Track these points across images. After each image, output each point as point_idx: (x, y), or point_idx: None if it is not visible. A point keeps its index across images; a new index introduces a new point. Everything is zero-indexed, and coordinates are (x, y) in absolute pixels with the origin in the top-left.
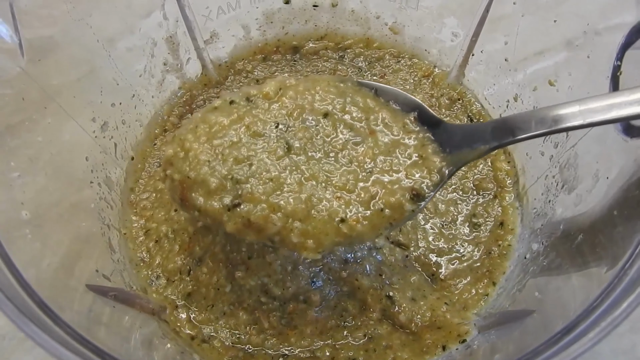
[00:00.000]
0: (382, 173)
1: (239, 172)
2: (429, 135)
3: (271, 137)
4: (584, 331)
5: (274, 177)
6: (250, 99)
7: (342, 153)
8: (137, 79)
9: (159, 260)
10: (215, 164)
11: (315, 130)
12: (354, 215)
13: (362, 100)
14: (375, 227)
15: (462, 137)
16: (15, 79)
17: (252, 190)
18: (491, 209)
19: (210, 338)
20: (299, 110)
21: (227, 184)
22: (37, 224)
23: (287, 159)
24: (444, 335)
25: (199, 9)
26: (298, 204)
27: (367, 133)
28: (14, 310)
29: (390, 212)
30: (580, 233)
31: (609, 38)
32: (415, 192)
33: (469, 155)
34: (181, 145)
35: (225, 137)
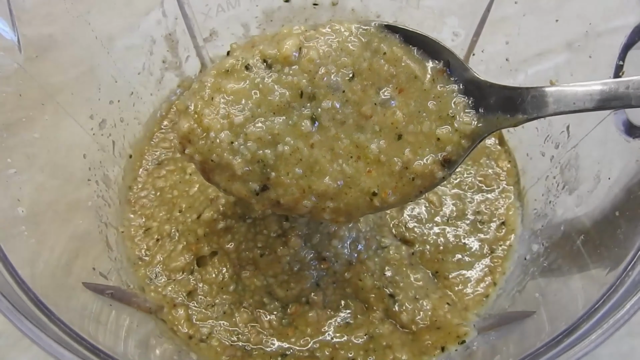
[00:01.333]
0: (411, 137)
1: (266, 154)
2: (459, 88)
3: (296, 108)
4: (585, 333)
5: (304, 157)
6: (267, 62)
7: (372, 119)
8: (135, 76)
9: (159, 259)
10: (238, 145)
11: (342, 96)
12: (386, 188)
13: (389, 50)
14: (406, 196)
15: (498, 99)
16: (13, 75)
17: (281, 174)
18: (494, 207)
19: (208, 337)
20: (323, 73)
21: (254, 167)
22: (34, 222)
23: (316, 134)
24: (443, 336)
25: (198, 7)
26: (330, 183)
27: (397, 92)
28: (10, 307)
29: (421, 181)
30: (582, 234)
31: (610, 39)
32: (446, 158)
33: (503, 122)
34: (198, 121)
35: (245, 112)
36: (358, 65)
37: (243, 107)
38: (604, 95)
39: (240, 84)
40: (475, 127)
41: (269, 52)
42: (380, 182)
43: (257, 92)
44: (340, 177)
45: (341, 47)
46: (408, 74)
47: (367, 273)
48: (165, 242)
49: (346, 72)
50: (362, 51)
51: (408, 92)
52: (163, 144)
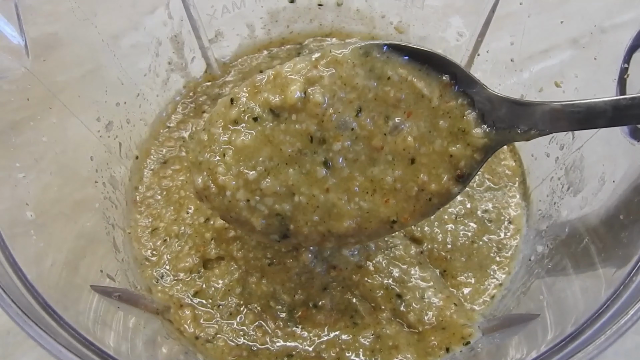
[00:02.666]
0: (424, 159)
1: (284, 208)
2: (469, 102)
3: (307, 155)
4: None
5: (321, 204)
6: (274, 112)
7: (384, 150)
8: (141, 78)
9: (167, 259)
10: (255, 202)
11: (352, 134)
12: (404, 214)
13: (393, 72)
14: (424, 215)
15: (509, 112)
16: (20, 79)
17: (299, 224)
18: (501, 206)
19: (214, 337)
20: (331, 114)
21: (272, 221)
22: (42, 224)
23: (331, 178)
24: (447, 336)
25: (203, 8)
26: (349, 224)
27: (405, 116)
28: (19, 312)
29: (438, 200)
30: (586, 236)
31: (615, 37)
32: (460, 173)
33: (515, 136)
34: (213, 180)
35: (258, 167)
36: (364, 97)
37: (256, 162)
38: (616, 113)
39: (249, 138)
40: (487, 140)
41: (274, 102)
42: (398, 209)
43: (267, 144)
44: (358, 215)
45: (345, 82)
46: (415, 95)
47: (375, 274)
48: (172, 242)
49: (353, 107)
50: (366, 81)
51: (417, 113)
52: (168, 143)
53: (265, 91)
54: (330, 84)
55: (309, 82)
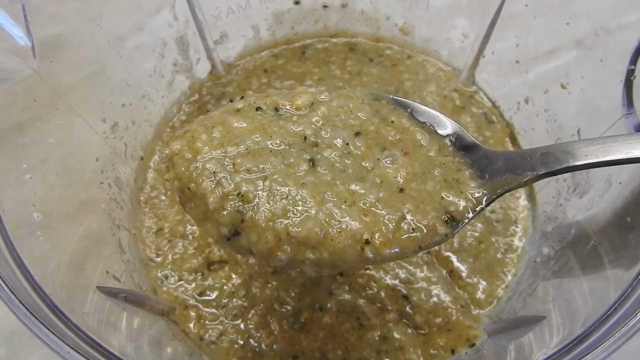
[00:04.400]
0: (414, 193)
1: (248, 188)
2: (466, 160)
3: (295, 150)
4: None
5: (291, 195)
6: (278, 109)
7: (373, 172)
8: (147, 79)
9: (172, 260)
10: (222, 177)
11: (345, 148)
12: (381, 236)
13: (397, 120)
14: (403, 250)
15: (505, 163)
16: (26, 80)
17: (258, 213)
18: (508, 206)
19: (219, 338)
20: (330, 126)
21: (230, 204)
22: (48, 224)
23: (311, 175)
24: (453, 338)
25: (209, 9)
26: (313, 227)
27: (401, 154)
28: (26, 313)
29: (421, 235)
30: (593, 238)
31: (621, 38)
32: (450, 215)
33: (512, 182)
34: (190, 144)
35: (241, 145)
36: (365, 127)
37: (241, 142)
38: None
39: (246, 122)
40: (481, 192)
41: (281, 102)
42: (375, 229)
43: (260, 131)
44: (327, 221)
45: (351, 110)
46: (414, 142)
47: (382, 275)
48: (177, 243)
49: (353, 129)
50: (371, 116)
51: (413, 155)
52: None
53: (275, 96)
54: (337, 107)
55: (318, 102)
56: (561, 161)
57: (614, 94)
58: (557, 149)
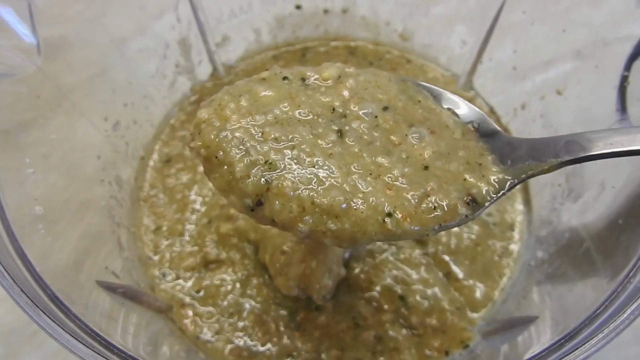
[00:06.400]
0: (439, 172)
1: (276, 157)
2: (489, 147)
3: (323, 120)
4: (586, 338)
5: (317, 165)
6: (305, 80)
7: (400, 147)
8: (149, 79)
9: (169, 258)
10: (250, 145)
11: (373, 120)
12: (403, 211)
13: (424, 101)
14: (424, 226)
15: (528, 150)
16: (31, 77)
17: (284, 183)
18: (504, 210)
19: (215, 337)
20: (358, 98)
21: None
22: (50, 219)
23: (338, 146)
24: (447, 339)
25: (211, 12)
26: (337, 196)
27: (428, 132)
28: (27, 301)
29: (442, 214)
30: (585, 241)
31: (618, 48)
32: (472, 197)
33: (534, 168)
34: (218, 112)
35: (270, 114)
36: (394, 102)
37: (269, 111)
38: None
39: (273, 91)
40: (503, 177)
41: (308, 73)
42: (398, 203)
43: (288, 100)
44: (351, 191)
45: (378, 85)
46: (440, 122)
47: (379, 275)
48: (175, 241)
49: (381, 102)
50: (398, 94)
51: (440, 135)
52: (172, 141)
53: (302, 69)
54: (364, 81)
55: (345, 75)
56: (586, 149)
57: (609, 100)
58: (582, 138)
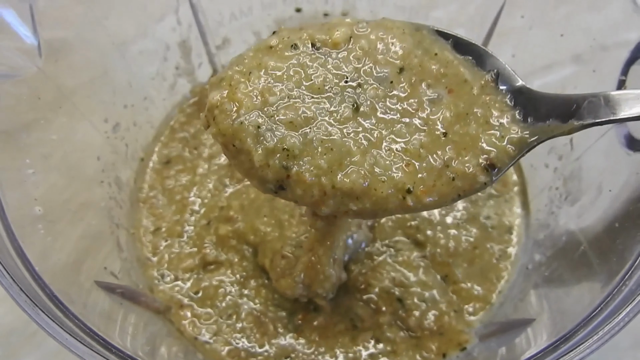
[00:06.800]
0: (457, 137)
1: (293, 142)
2: (509, 101)
3: (337, 94)
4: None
5: (336, 147)
6: (315, 45)
7: (417, 114)
8: (149, 81)
9: (168, 259)
10: (265, 130)
11: (389, 87)
12: (422, 186)
13: (440, 53)
14: (442, 197)
15: (550, 107)
16: (32, 78)
17: (303, 169)
18: (502, 213)
19: (213, 338)
20: (371, 62)
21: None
22: (49, 219)
23: (354, 122)
24: (445, 342)
25: (212, 15)
26: (357, 179)
27: (446, 91)
28: (26, 300)
29: (461, 183)
30: (582, 245)
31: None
32: (490, 162)
33: (555, 129)
34: (230, 95)
35: (282, 93)
36: (409, 60)
37: (281, 87)
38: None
39: (283, 62)
40: (523, 136)
41: (318, 37)
42: (417, 178)
43: (299, 72)
44: (371, 171)
45: (392, 42)
46: (458, 77)
47: (377, 277)
48: (174, 242)
49: (396, 65)
50: (413, 48)
51: (458, 93)
52: (172, 143)
53: (310, 29)
54: (378, 37)
55: (356, 36)
56: (609, 112)
57: None
58: (605, 99)
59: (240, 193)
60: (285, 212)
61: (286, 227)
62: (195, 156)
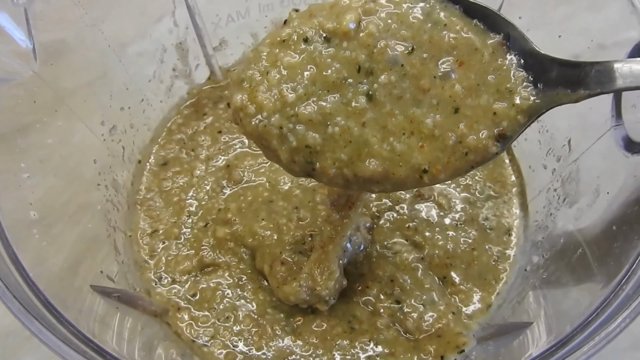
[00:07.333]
0: (469, 110)
1: (314, 138)
2: (520, 65)
3: (352, 84)
4: (580, 343)
5: (354, 139)
6: (326, 37)
7: (430, 93)
8: (146, 84)
9: (165, 262)
10: (287, 130)
11: (401, 70)
12: (437, 164)
13: (449, 22)
14: (457, 171)
15: (559, 74)
16: (28, 82)
17: (326, 164)
18: (501, 215)
19: (211, 341)
20: (382, 47)
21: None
22: (45, 224)
23: (369, 112)
24: (443, 345)
25: (209, 17)
26: (377, 167)
27: (457, 64)
28: (21, 309)
29: (474, 156)
30: (580, 247)
31: (613, 54)
32: (501, 133)
33: (563, 98)
34: (251, 97)
35: (299, 89)
36: (418, 38)
37: (297, 84)
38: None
39: (296, 58)
40: (533, 102)
41: (328, 26)
42: (432, 157)
43: (313, 67)
44: (388, 157)
45: (401, 20)
46: (468, 46)
47: (375, 279)
48: (171, 245)
49: (406, 45)
50: (422, 24)
51: (468, 64)
52: (169, 145)
53: (320, 16)
54: (386, 17)
55: (365, 13)
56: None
57: (604, 106)
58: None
59: (238, 195)
60: (283, 215)
61: (284, 231)
62: (192, 158)
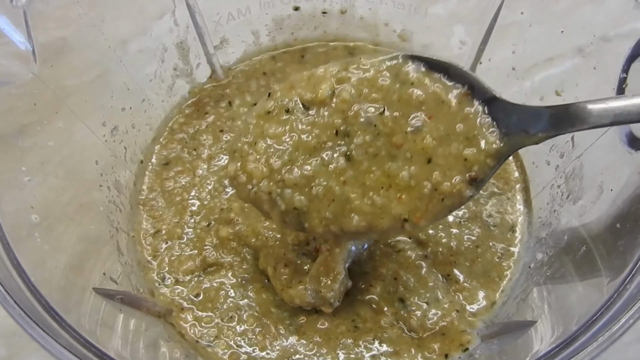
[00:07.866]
0: (441, 159)
1: (301, 201)
2: (485, 113)
3: (330, 147)
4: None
5: (336, 197)
6: (305, 106)
7: (403, 147)
8: (147, 83)
9: (168, 262)
10: (275, 195)
11: (374, 130)
12: (416, 213)
13: (416, 79)
14: (436, 216)
15: (519, 118)
16: (27, 84)
17: (314, 223)
18: (505, 211)
19: (214, 341)
20: (356, 111)
21: (290, 219)
22: (46, 226)
23: (349, 170)
24: (447, 342)
25: (209, 15)
26: (361, 222)
27: (426, 119)
28: (21, 313)
29: (450, 201)
30: (584, 244)
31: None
32: (473, 177)
33: (525, 140)
34: (243, 166)
35: (284, 156)
36: (388, 98)
37: (282, 152)
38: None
39: (280, 128)
40: (499, 146)
41: (306, 97)
42: (411, 207)
43: (295, 134)
44: (370, 211)
45: (371, 84)
46: (436, 100)
47: (379, 278)
48: (174, 245)
49: (377, 107)
50: (391, 85)
51: (437, 117)
52: (170, 144)
53: (299, 87)
54: (358, 83)
55: (338, 82)
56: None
57: None
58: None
59: None
60: None
61: (288, 232)
62: (194, 157)
